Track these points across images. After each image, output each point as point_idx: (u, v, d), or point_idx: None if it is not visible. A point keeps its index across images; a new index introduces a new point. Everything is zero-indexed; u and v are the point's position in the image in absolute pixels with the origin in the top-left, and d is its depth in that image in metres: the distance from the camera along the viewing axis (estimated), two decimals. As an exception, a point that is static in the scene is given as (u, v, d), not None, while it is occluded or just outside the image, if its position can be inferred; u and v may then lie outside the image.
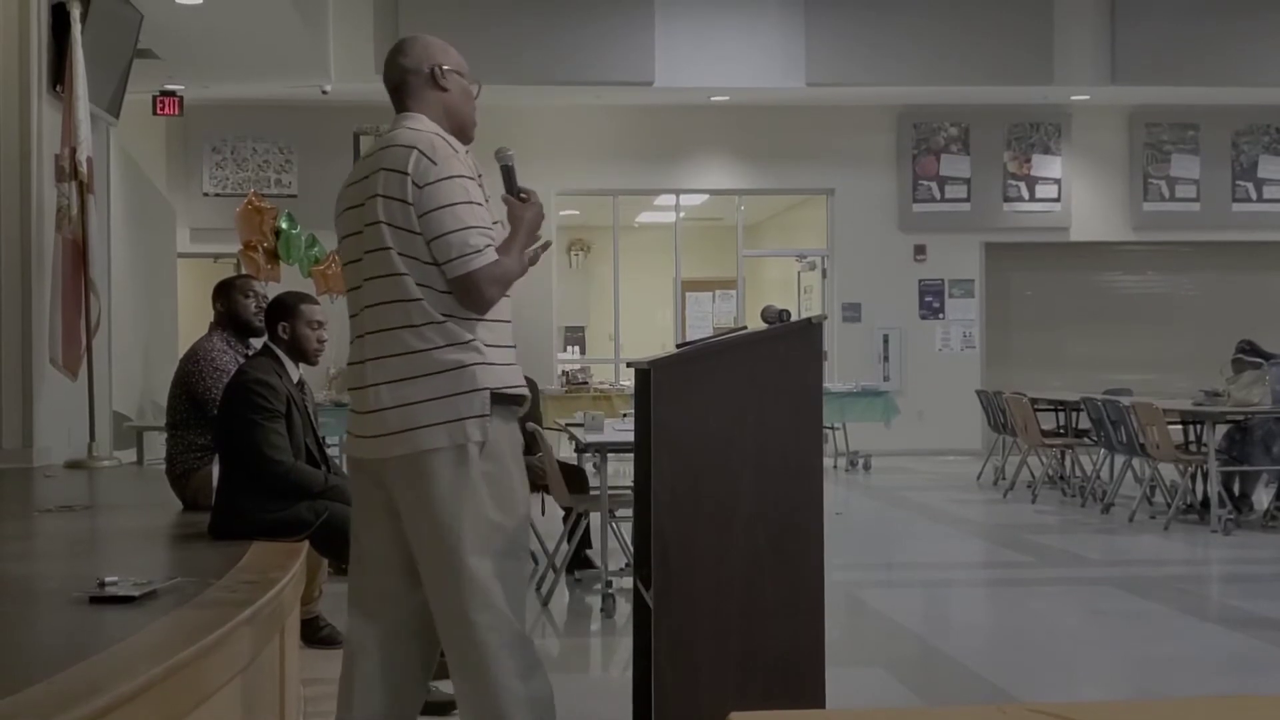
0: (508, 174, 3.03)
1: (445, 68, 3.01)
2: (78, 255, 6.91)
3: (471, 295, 2.81)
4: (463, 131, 3.03)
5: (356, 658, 3.00)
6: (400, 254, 2.82)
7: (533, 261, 3.05)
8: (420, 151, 2.84)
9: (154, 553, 4.14)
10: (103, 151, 8.11)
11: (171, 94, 11.86)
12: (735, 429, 3.16)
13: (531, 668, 2.86)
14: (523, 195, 3.00)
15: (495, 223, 2.94)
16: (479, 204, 2.86)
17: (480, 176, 2.93)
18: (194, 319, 8.83)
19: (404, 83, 3.01)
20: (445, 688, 4.23)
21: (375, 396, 2.87)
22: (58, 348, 6.83)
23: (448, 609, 2.85)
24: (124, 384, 8.67)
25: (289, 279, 9.62)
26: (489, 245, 2.84)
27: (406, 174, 2.82)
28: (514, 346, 2.97)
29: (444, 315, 2.82)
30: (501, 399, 2.86)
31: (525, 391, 2.94)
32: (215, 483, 4.30)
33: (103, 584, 2.93)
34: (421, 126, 2.93)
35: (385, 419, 2.85)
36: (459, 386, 2.81)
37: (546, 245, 3.18)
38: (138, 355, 9.23)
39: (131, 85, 8.68)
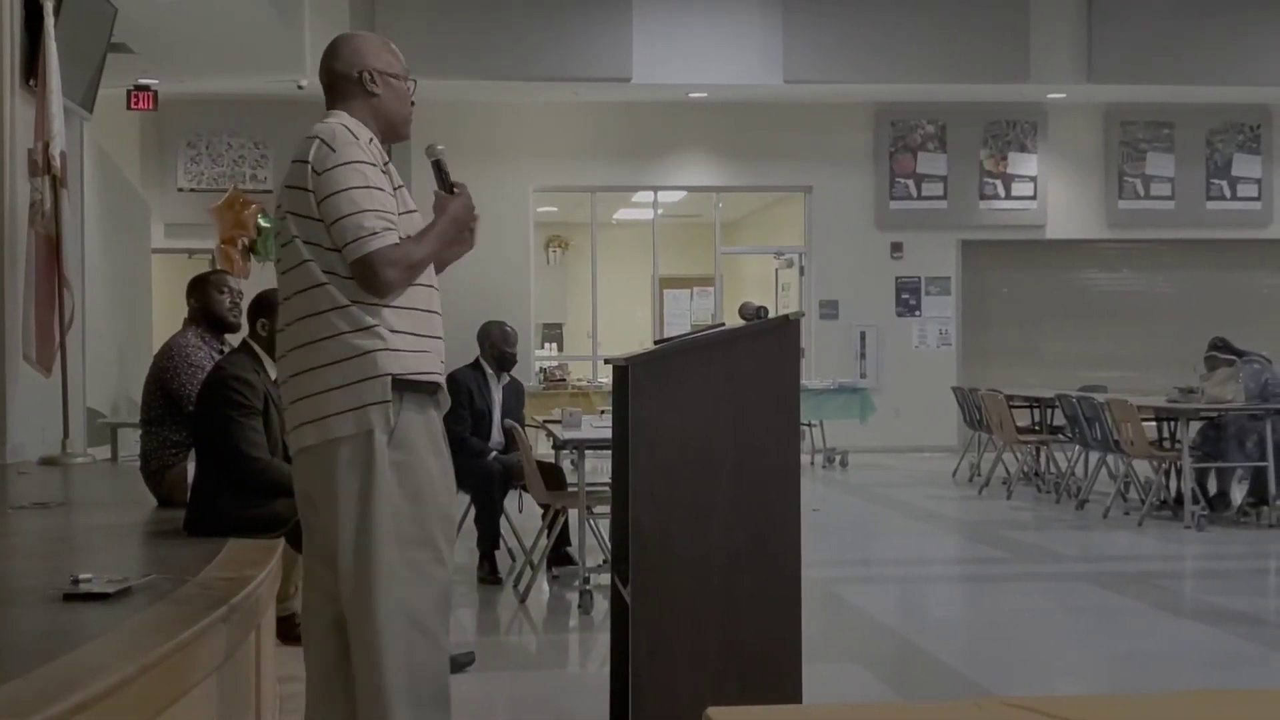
0: (438, 169, 3.01)
1: (376, 71, 2.99)
2: (51, 251, 6.85)
3: (369, 278, 2.78)
4: (393, 131, 3.03)
5: (306, 659, 3.01)
6: (305, 242, 2.83)
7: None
8: (321, 140, 2.85)
9: (129, 550, 4.12)
10: (76, 146, 8.05)
11: (146, 89, 11.77)
12: (713, 426, 3.16)
13: (421, 663, 2.79)
14: (455, 190, 2.98)
15: (410, 211, 2.93)
16: (379, 189, 2.84)
17: (387, 163, 2.91)
18: (169, 315, 8.79)
19: (333, 84, 3.01)
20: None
21: (291, 388, 2.88)
22: (31, 344, 6.78)
23: (354, 598, 2.81)
24: (98, 380, 8.62)
25: (259, 275, 9.58)
26: (388, 228, 2.80)
27: (307, 162, 2.83)
28: (438, 338, 2.93)
29: (349, 300, 2.80)
30: (412, 386, 2.82)
31: (438, 380, 2.89)
32: (190, 479, 4.28)
33: (77, 581, 2.91)
34: (333, 119, 2.93)
35: (298, 410, 2.85)
36: (362, 373, 2.78)
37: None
38: (112, 351, 9.17)
39: (105, 80, 8.62)
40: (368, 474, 2.78)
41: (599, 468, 7.29)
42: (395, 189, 2.90)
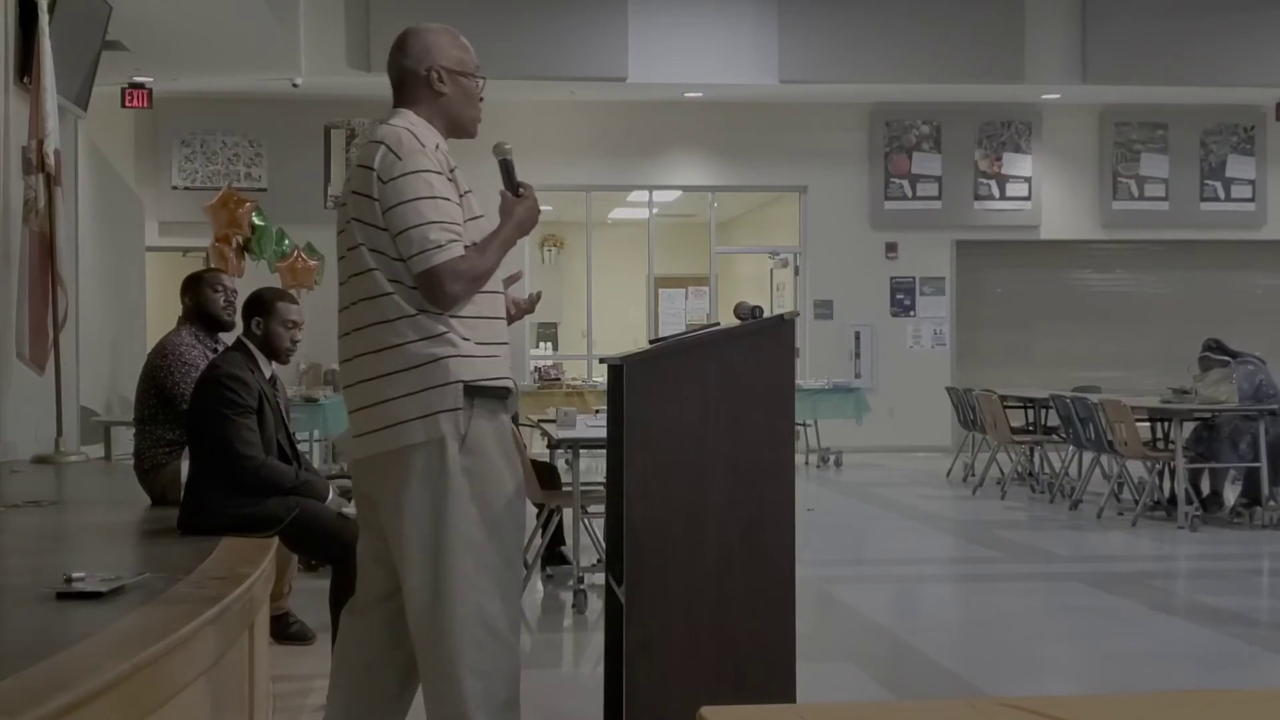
0: (505, 168, 2.99)
1: (444, 68, 2.95)
2: (45, 249, 6.84)
3: (434, 291, 2.77)
4: (460, 129, 3.00)
5: (337, 650, 3.05)
6: (370, 250, 2.80)
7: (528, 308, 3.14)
8: (387, 146, 2.81)
9: (122, 548, 4.11)
10: (70, 144, 8.03)
11: (140, 86, 11.77)
12: (708, 425, 3.16)
13: (497, 669, 2.83)
14: (520, 191, 2.96)
15: (477, 217, 2.90)
16: (445, 198, 2.81)
17: (454, 170, 2.88)
18: (162, 313, 8.77)
19: (401, 81, 2.97)
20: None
21: (357, 395, 2.86)
22: (25, 342, 6.76)
23: (428, 607, 2.83)
24: (91, 378, 8.60)
25: (254, 274, 9.57)
26: (453, 240, 2.78)
27: (373, 169, 2.80)
28: (505, 343, 2.94)
29: (416, 309, 2.79)
30: (482, 392, 2.82)
31: (508, 384, 2.89)
32: (184, 478, 4.27)
33: (70, 580, 2.90)
34: (399, 122, 2.89)
35: (365, 417, 2.85)
36: (432, 380, 2.77)
37: (514, 278, 3.17)
38: (105, 349, 9.16)
39: (99, 77, 8.60)
40: (440, 482, 2.78)
41: (594, 467, 7.29)
42: (462, 195, 2.87)
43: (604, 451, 3.94)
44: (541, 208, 3.13)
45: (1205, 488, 8.95)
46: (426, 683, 2.87)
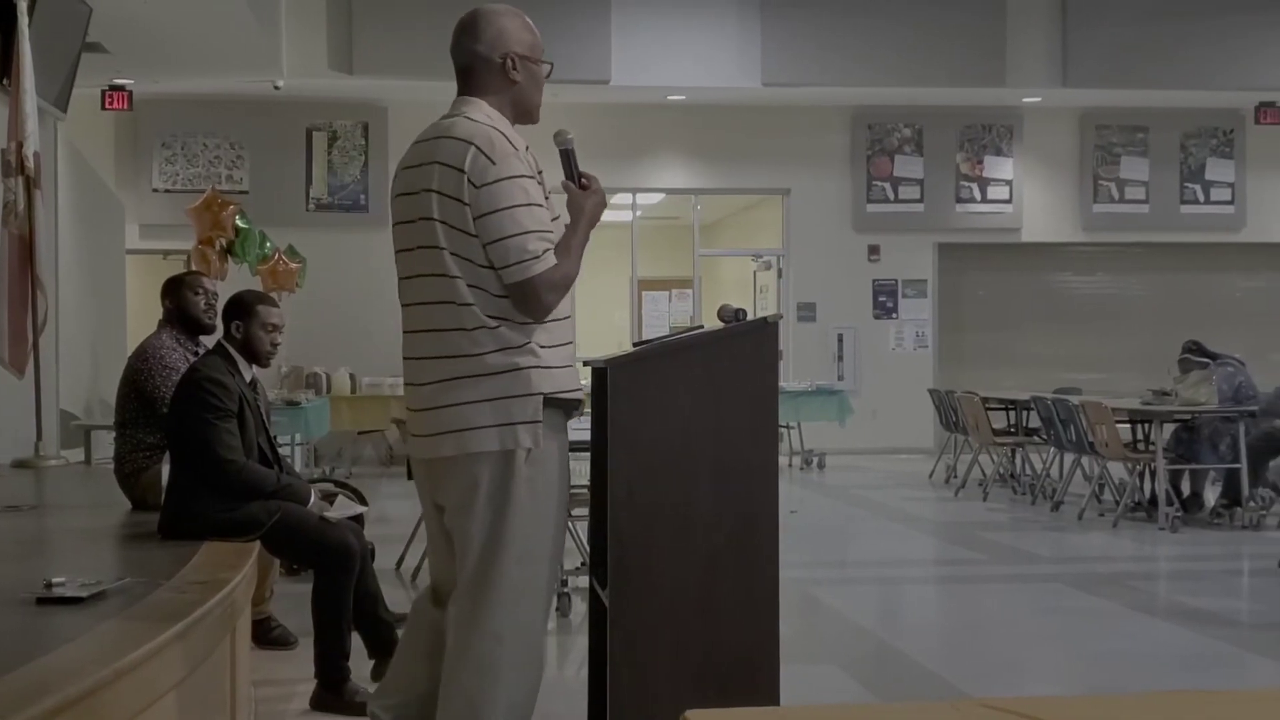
0: (567, 159, 2.93)
1: (519, 56, 2.87)
2: (24, 251, 6.80)
3: (529, 302, 2.74)
4: (527, 115, 2.94)
5: (407, 635, 3.10)
6: (453, 254, 2.74)
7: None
8: (478, 148, 2.73)
9: (102, 553, 4.09)
10: (50, 146, 7.99)
11: (120, 88, 11.73)
12: (691, 428, 3.16)
13: (522, 679, 2.87)
14: (583, 181, 2.91)
15: (555, 218, 2.87)
16: (538, 205, 2.77)
17: (540, 174, 2.84)
18: (143, 316, 8.73)
19: (472, 68, 2.89)
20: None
21: (426, 395, 2.83)
22: (4, 345, 6.72)
23: (466, 605, 2.85)
24: (71, 382, 8.56)
25: (235, 277, 9.54)
26: (548, 250, 2.76)
27: (463, 172, 2.72)
28: (571, 343, 2.92)
29: (498, 319, 2.75)
30: (554, 403, 2.82)
31: (580, 395, 2.90)
32: (165, 482, 4.25)
33: (50, 585, 2.88)
34: (481, 118, 2.81)
35: (435, 418, 2.82)
36: (513, 390, 2.75)
37: None
38: (85, 353, 9.12)
39: (80, 79, 8.57)
40: (505, 492, 2.78)
41: (577, 470, 7.27)
42: (547, 197, 2.84)
43: (588, 454, 3.94)
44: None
45: (1185, 489, 8.99)
46: (450, 680, 2.87)
